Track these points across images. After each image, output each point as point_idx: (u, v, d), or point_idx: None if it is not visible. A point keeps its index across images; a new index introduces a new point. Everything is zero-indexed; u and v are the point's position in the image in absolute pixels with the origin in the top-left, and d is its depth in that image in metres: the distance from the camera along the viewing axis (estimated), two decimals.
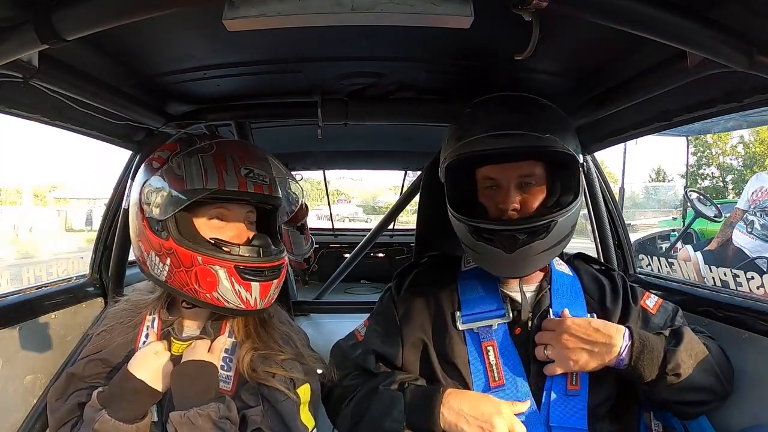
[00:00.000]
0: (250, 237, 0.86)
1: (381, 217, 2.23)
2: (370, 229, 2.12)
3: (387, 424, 0.80)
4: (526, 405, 0.80)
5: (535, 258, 0.82)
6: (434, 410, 0.78)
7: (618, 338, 0.79)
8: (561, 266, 0.96)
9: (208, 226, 0.84)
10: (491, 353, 0.86)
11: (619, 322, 0.89)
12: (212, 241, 0.83)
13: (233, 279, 0.80)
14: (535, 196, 0.85)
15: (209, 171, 0.81)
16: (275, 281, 0.85)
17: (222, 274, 0.80)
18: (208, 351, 0.85)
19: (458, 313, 0.90)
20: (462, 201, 0.88)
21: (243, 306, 0.82)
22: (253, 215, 0.89)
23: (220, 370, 0.85)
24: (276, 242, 0.91)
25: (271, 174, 0.88)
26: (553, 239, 0.82)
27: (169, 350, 0.87)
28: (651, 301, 0.92)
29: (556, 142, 0.81)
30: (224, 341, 0.87)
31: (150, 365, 0.82)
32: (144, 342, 0.88)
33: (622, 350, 0.79)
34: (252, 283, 0.81)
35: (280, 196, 0.91)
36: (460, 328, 0.89)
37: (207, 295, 0.81)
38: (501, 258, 0.81)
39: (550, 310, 0.88)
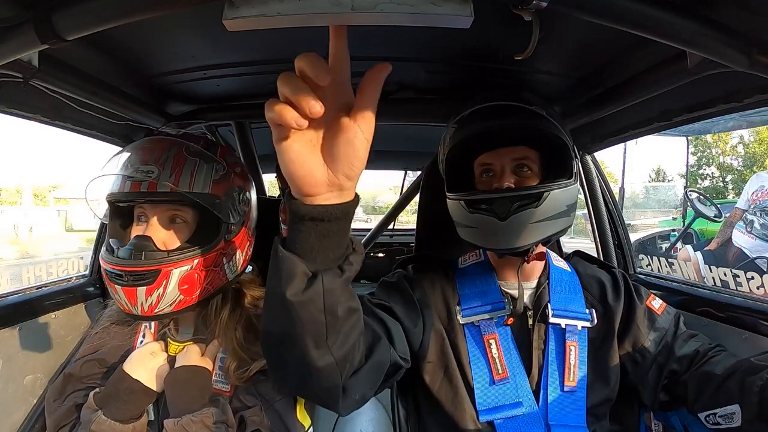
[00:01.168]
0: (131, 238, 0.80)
1: (381, 217, 2.22)
2: (370, 229, 2.12)
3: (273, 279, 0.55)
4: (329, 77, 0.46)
5: (528, 228, 0.80)
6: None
7: None
8: (559, 262, 0.96)
9: (134, 229, 0.83)
10: (493, 346, 0.86)
11: (623, 319, 0.89)
12: (109, 241, 0.83)
13: (106, 280, 0.79)
14: (529, 179, 0.86)
15: (112, 176, 0.82)
16: (141, 289, 0.75)
17: (104, 274, 0.80)
18: (202, 355, 0.84)
19: (458, 308, 0.90)
20: (460, 190, 0.88)
21: (125, 310, 0.79)
22: (180, 214, 0.82)
23: (218, 371, 0.85)
24: (195, 242, 0.80)
25: (169, 168, 0.78)
26: (546, 210, 0.81)
27: (166, 351, 0.87)
28: (656, 303, 0.92)
29: (550, 121, 0.83)
30: (218, 344, 0.87)
31: (146, 365, 0.82)
32: (141, 342, 0.88)
33: None
34: (116, 286, 0.77)
35: (183, 189, 0.78)
36: (461, 322, 0.89)
37: None
38: (495, 227, 0.80)
39: (549, 305, 0.88)
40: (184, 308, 0.80)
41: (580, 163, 1.09)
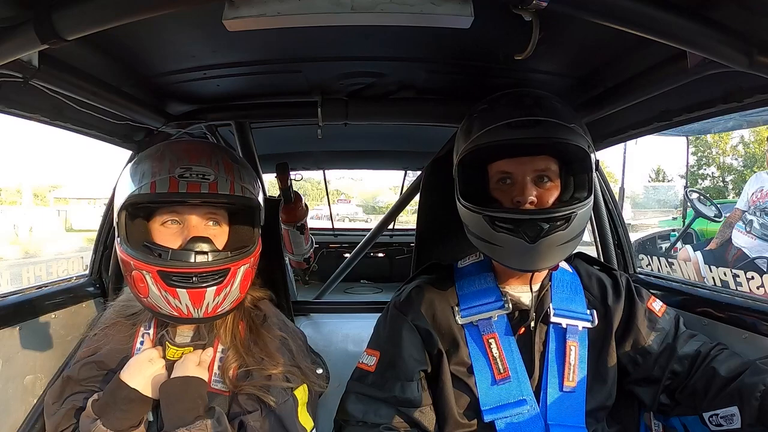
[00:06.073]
0: (187, 240, 0.80)
1: (381, 217, 2.23)
2: (370, 229, 2.12)
3: None
4: None
5: (555, 249, 0.79)
6: None
7: None
8: (561, 264, 0.96)
9: (162, 231, 0.82)
10: (494, 346, 0.85)
11: (623, 321, 0.89)
12: (146, 245, 0.80)
13: (159, 284, 0.77)
14: (550, 192, 0.83)
15: (145, 175, 0.79)
16: (210, 289, 0.77)
17: (149, 279, 0.77)
18: (199, 363, 0.83)
19: (457, 308, 0.89)
20: (474, 196, 0.85)
21: (176, 313, 0.78)
22: (217, 216, 0.84)
23: (216, 370, 0.84)
24: (238, 245, 0.84)
25: (223, 172, 0.81)
26: (572, 232, 0.80)
27: (164, 356, 0.85)
28: (657, 305, 0.92)
29: (577, 134, 0.80)
30: (215, 349, 0.86)
31: (144, 373, 0.81)
32: (140, 346, 0.88)
33: None
34: (178, 289, 0.76)
35: (238, 193, 0.82)
36: (460, 323, 0.88)
37: (143, 299, 0.80)
38: (522, 249, 0.78)
39: (551, 306, 0.88)
40: (236, 306, 0.85)
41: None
